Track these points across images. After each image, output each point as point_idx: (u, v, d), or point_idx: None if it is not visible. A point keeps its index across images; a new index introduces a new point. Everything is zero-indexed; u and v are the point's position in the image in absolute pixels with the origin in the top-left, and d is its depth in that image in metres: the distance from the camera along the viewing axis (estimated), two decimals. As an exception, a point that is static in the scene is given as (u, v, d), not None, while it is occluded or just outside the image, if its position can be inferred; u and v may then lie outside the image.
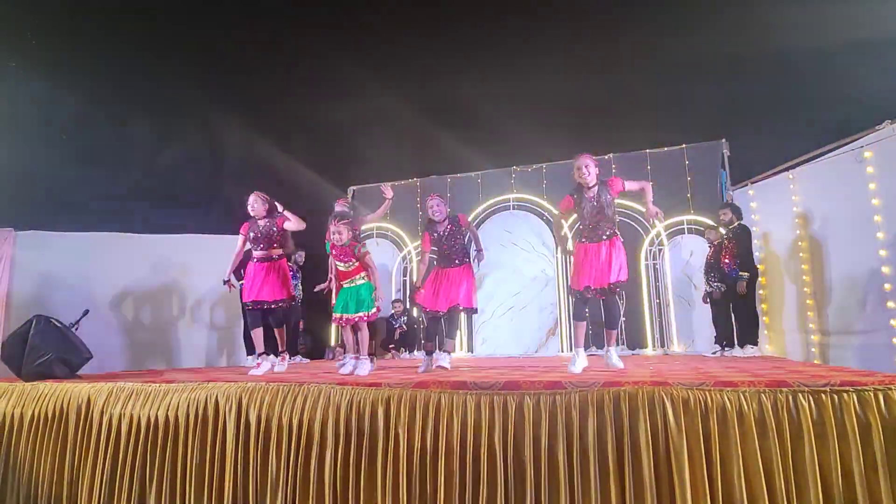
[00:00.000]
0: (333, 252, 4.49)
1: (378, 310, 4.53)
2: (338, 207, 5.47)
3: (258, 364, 4.62)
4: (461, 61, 8.08)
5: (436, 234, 4.62)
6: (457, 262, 4.62)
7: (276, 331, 4.96)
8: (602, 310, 4.25)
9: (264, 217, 4.79)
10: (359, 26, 8.36)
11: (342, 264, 4.42)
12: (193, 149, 8.06)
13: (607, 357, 3.94)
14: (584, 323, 4.07)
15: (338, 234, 4.33)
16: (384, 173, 8.66)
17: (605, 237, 3.96)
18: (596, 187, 3.99)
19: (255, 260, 4.80)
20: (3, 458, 3.78)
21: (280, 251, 4.87)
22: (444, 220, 4.62)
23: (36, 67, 7.01)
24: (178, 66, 7.82)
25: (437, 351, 4.51)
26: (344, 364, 4.40)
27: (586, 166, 3.95)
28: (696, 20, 6.90)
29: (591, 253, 3.97)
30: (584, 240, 4.06)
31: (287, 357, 5.17)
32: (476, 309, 4.78)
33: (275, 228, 4.78)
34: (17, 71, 6.85)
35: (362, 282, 4.43)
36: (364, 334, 4.38)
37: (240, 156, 8.44)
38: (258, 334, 4.78)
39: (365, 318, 4.35)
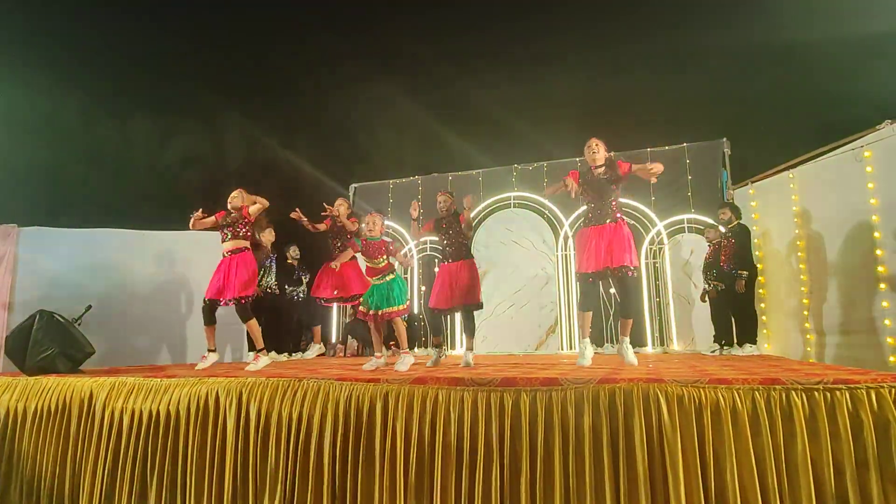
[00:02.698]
0: (362, 248, 4.48)
1: (407, 305, 4.52)
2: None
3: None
4: (464, 60, 8.11)
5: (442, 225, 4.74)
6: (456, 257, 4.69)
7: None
8: (602, 299, 4.16)
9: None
10: (363, 25, 8.39)
11: (371, 261, 4.39)
12: (196, 145, 8.11)
13: (621, 351, 3.72)
14: (590, 313, 3.95)
15: (372, 224, 4.36)
16: (386, 171, 8.71)
17: (608, 220, 3.88)
18: (603, 168, 3.96)
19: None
20: (6, 450, 3.82)
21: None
22: (446, 216, 4.69)
23: (39, 66, 7.05)
24: (182, 65, 7.85)
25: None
26: (371, 362, 4.30)
27: (596, 145, 3.97)
28: (697, 20, 6.91)
29: (593, 236, 3.88)
30: (587, 223, 3.99)
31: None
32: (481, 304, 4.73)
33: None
34: (20, 70, 6.89)
35: (392, 276, 4.41)
36: (401, 329, 4.38)
37: (242, 152, 8.48)
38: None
39: (399, 313, 4.34)
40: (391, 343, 7.73)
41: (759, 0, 6.80)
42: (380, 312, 4.32)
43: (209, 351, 4.76)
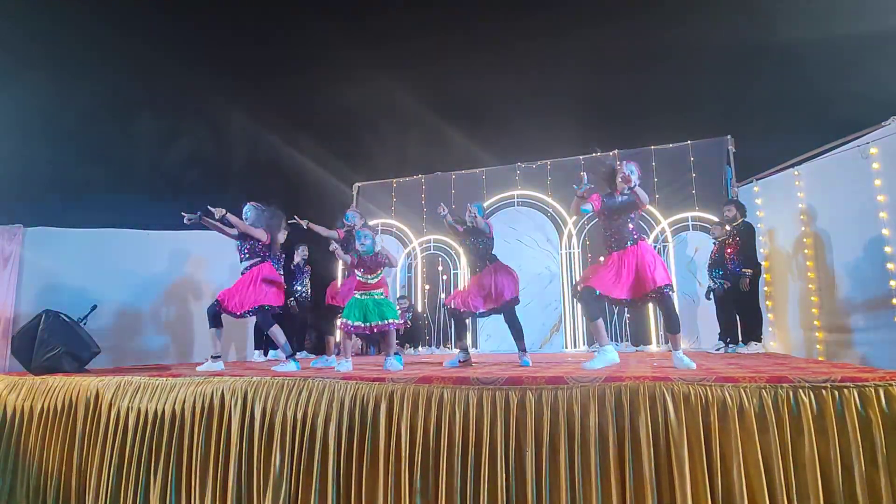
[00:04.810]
0: (356, 262, 4.39)
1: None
2: (351, 212, 5.46)
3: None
4: (467, 58, 8.08)
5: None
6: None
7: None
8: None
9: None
10: (366, 22, 8.37)
11: (366, 276, 4.33)
12: (200, 144, 8.12)
13: (675, 363, 3.54)
14: (601, 320, 3.84)
15: (365, 240, 4.31)
16: (389, 170, 8.71)
17: (629, 243, 3.80)
18: (627, 195, 3.84)
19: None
20: (13, 449, 3.84)
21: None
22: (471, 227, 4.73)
23: (43, 64, 7.06)
24: (186, 62, 7.86)
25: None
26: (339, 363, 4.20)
27: (632, 173, 3.79)
28: (701, 16, 6.87)
29: (616, 261, 3.79)
30: (609, 249, 3.89)
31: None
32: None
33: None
34: (24, 68, 6.90)
35: (381, 297, 4.38)
36: (392, 337, 4.38)
37: (246, 152, 8.49)
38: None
39: (396, 325, 4.36)
40: (395, 342, 7.75)
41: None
42: (374, 325, 4.27)
43: (213, 357, 4.57)
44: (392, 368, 4.10)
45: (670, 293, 3.69)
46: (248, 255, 4.70)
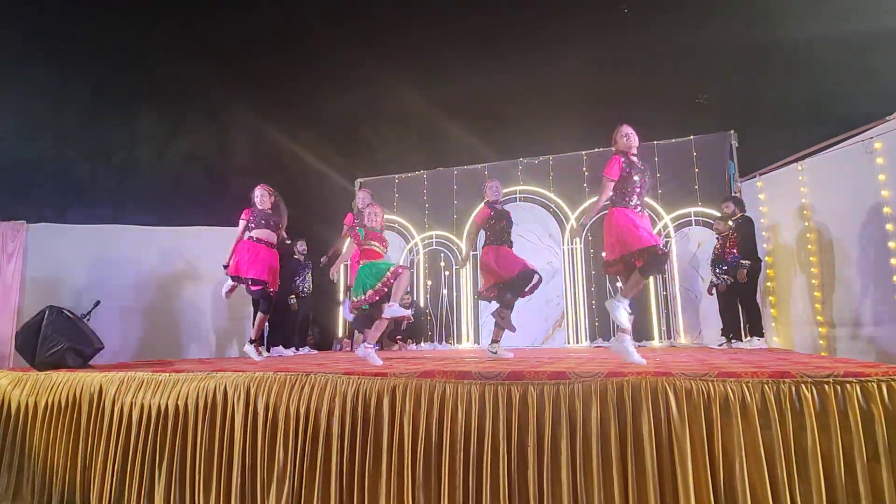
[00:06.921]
0: (367, 235, 4.53)
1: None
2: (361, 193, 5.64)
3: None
4: (469, 53, 8.07)
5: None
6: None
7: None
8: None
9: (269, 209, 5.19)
10: (367, 18, 8.35)
11: (375, 244, 4.51)
12: (202, 141, 8.12)
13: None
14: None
15: (373, 216, 4.52)
16: (391, 165, 8.70)
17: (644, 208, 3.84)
18: (637, 155, 3.92)
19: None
20: (18, 445, 3.86)
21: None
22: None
23: (45, 62, 7.07)
24: (188, 59, 7.85)
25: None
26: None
27: (633, 133, 3.89)
28: (704, 12, 6.84)
29: (641, 219, 3.77)
30: (636, 207, 3.82)
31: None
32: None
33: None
34: (26, 65, 6.91)
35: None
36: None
37: (248, 148, 8.50)
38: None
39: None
40: (398, 337, 7.77)
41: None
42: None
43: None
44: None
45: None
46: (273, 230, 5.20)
